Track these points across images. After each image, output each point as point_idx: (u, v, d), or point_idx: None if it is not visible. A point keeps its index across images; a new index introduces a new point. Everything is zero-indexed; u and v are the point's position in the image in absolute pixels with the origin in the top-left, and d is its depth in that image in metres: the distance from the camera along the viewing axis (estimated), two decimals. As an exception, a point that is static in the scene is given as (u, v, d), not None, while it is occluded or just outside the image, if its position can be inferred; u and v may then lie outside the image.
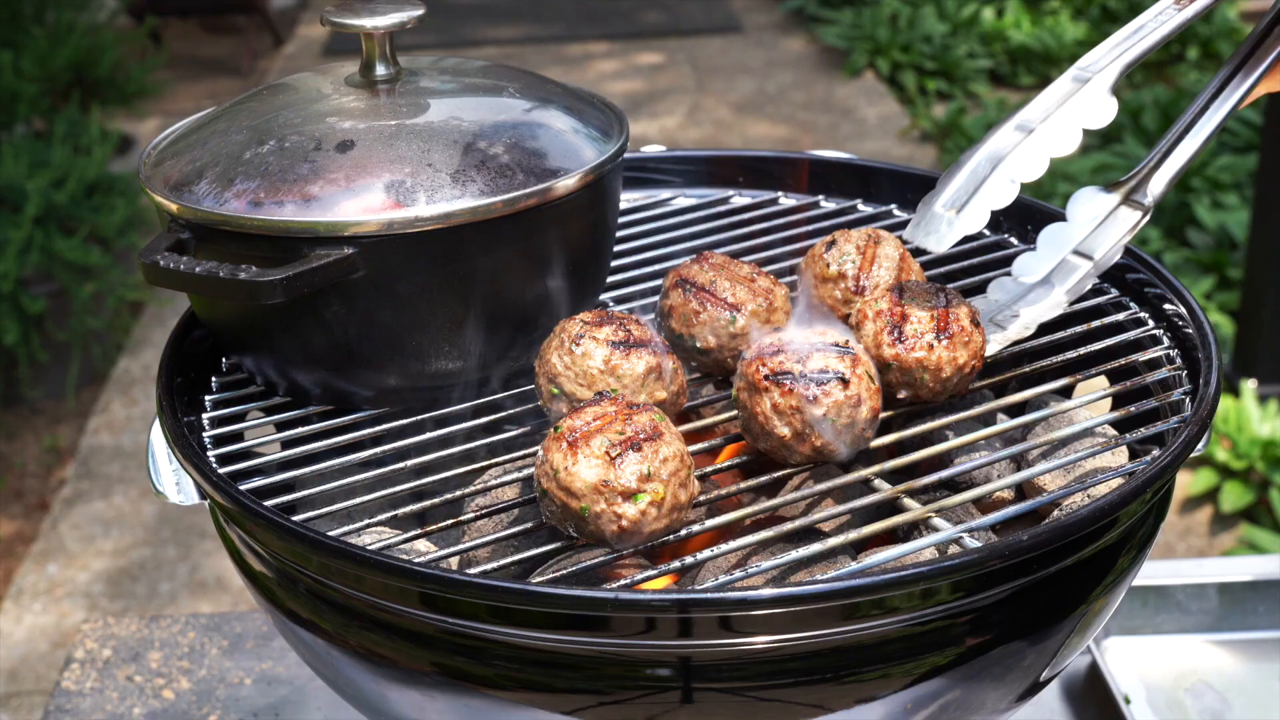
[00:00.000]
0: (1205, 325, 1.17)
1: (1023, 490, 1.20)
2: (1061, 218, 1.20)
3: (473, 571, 0.95)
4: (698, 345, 1.16)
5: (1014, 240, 1.39)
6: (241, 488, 1.04)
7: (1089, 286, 1.13)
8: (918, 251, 1.27)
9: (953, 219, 1.04)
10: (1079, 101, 1.06)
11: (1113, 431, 1.18)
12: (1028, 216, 1.36)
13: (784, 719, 0.94)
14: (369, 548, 0.95)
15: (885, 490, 1.03)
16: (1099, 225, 1.13)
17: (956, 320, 1.08)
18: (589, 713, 0.94)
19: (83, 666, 1.69)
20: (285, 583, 1.05)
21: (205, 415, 1.18)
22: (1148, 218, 1.12)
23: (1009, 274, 1.21)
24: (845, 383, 1.01)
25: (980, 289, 1.24)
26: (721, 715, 0.94)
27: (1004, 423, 1.13)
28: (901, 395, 1.09)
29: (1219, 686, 1.59)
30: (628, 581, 0.93)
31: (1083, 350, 1.20)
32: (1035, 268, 1.15)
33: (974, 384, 1.17)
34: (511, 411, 1.16)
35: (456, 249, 1.08)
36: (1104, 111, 1.06)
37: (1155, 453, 1.05)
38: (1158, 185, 1.13)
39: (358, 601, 0.98)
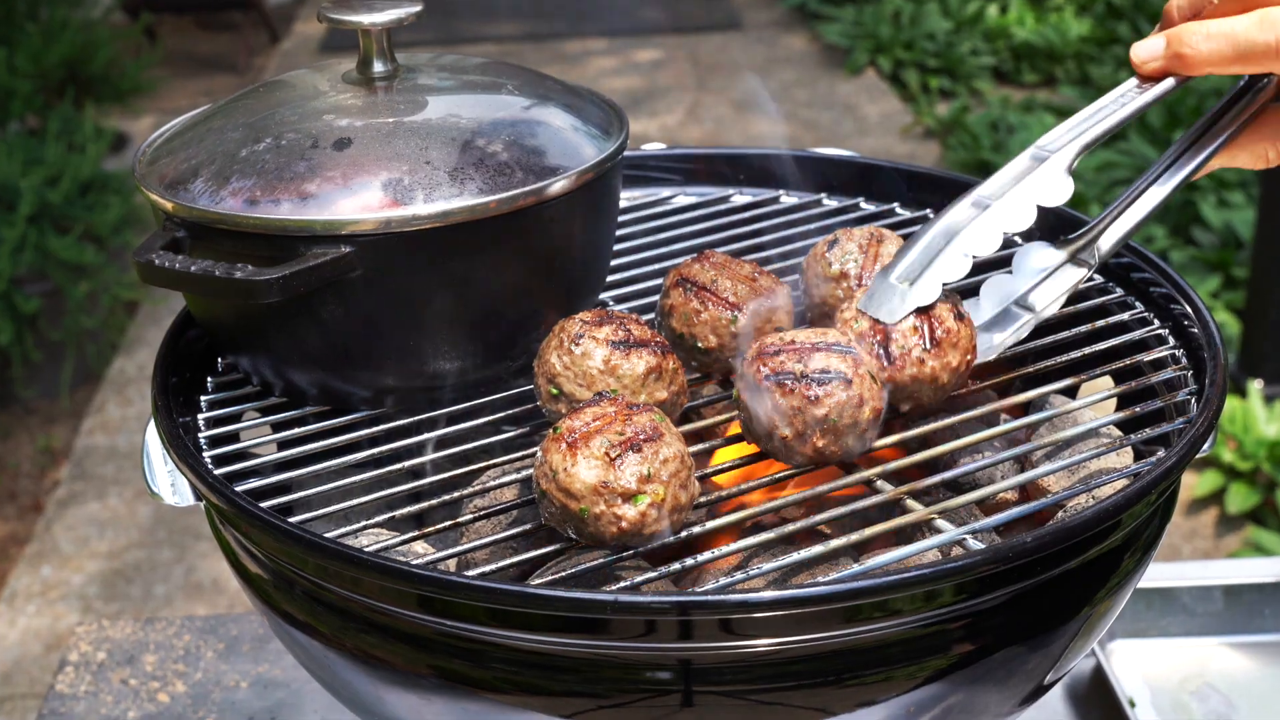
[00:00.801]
0: (1211, 325, 1.17)
1: (1027, 492, 1.20)
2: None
3: (471, 574, 0.95)
4: (699, 345, 1.16)
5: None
6: (237, 489, 1.04)
7: (1024, 335, 1.15)
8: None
9: (905, 291, 1.07)
10: (1035, 179, 1.09)
11: (1118, 432, 1.18)
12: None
13: (785, 722, 0.94)
14: (366, 549, 0.95)
15: (888, 491, 1.03)
16: (1043, 279, 1.16)
17: (940, 323, 1.07)
18: (588, 716, 0.94)
19: (77, 669, 1.69)
20: (281, 585, 1.05)
21: (201, 416, 1.18)
22: (1089, 274, 1.16)
23: None
24: (848, 383, 1.01)
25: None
26: (722, 719, 0.94)
27: (1008, 423, 1.13)
28: (905, 408, 1.09)
29: (1225, 690, 1.59)
30: (627, 584, 0.93)
31: (1087, 350, 1.20)
32: (975, 315, 1.16)
33: (978, 384, 1.17)
34: (510, 412, 1.16)
35: (454, 248, 1.08)
36: (1060, 190, 1.09)
37: (1160, 454, 1.05)
38: (1105, 244, 1.16)
39: (355, 604, 0.98)
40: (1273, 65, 1.01)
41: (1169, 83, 1.09)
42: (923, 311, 1.07)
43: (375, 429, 1.15)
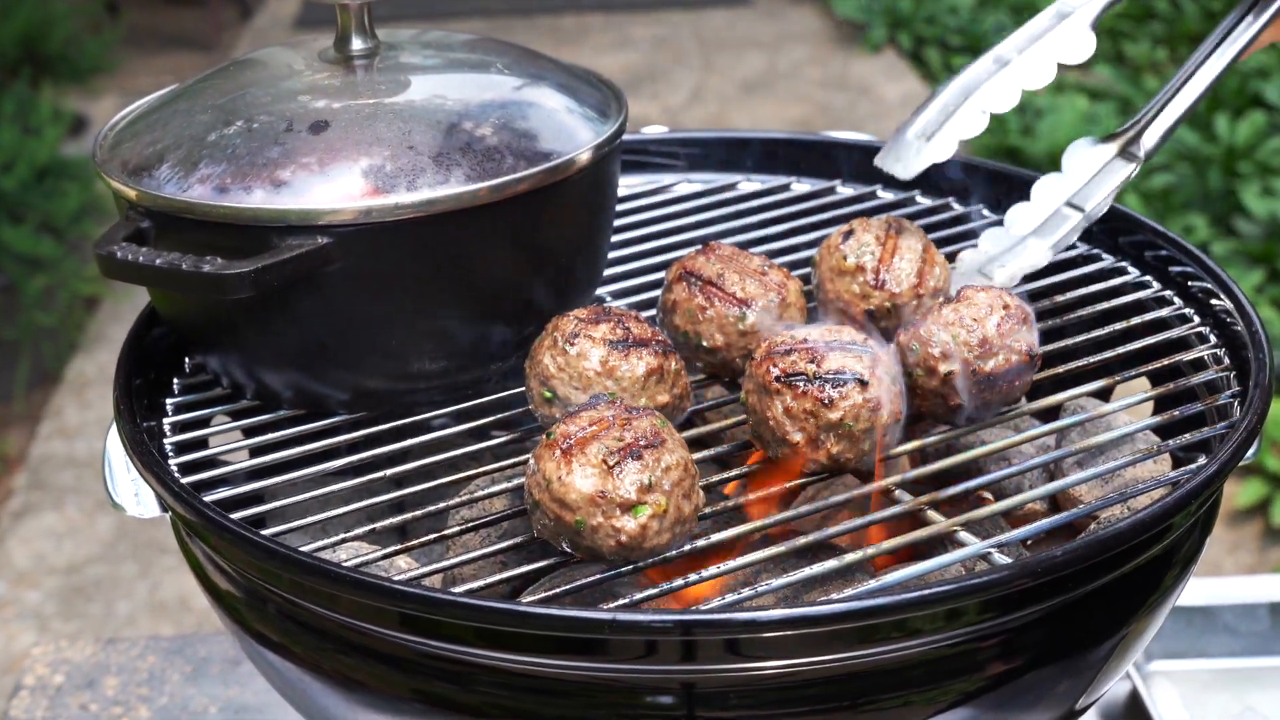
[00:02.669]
0: (1255, 322, 1.17)
1: (1057, 502, 1.20)
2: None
3: (457, 590, 0.95)
4: (704, 344, 1.16)
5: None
6: (206, 499, 1.04)
7: (1075, 239, 1.22)
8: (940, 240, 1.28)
9: (921, 147, 1.14)
10: (1057, 36, 1.15)
11: (1155, 438, 1.18)
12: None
13: (797, 751, 0.95)
14: (345, 564, 0.95)
15: (907, 502, 1.03)
16: (1093, 178, 1.21)
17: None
18: (584, 744, 0.95)
19: (33, 694, 1.69)
20: (254, 602, 1.05)
21: (166, 420, 1.18)
22: (1138, 169, 1.21)
23: (1000, 224, 1.27)
24: (864, 385, 1.01)
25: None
26: (728, 747, 0.94)
27: (1036, 428, 1.13)
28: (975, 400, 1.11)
29: (1270, 715, 1.59)
30: (626, 601, 0.93)
31: (1122, 349, 1.20)
32: (1027, 219, 1.22)
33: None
34: (500, 416, 1.16)
35: (440, 239, 1.09)
36: (1082, 47, 1.14)
37: (1201, 461, 1.05)
38: (1151, 138, 1.20)
39: (332, 623, 0.98)
40: None
41: None
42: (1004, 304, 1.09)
43: (355, 434, 1.15)
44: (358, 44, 1.19)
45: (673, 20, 7.51)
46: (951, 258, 1.34)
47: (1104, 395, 1.26)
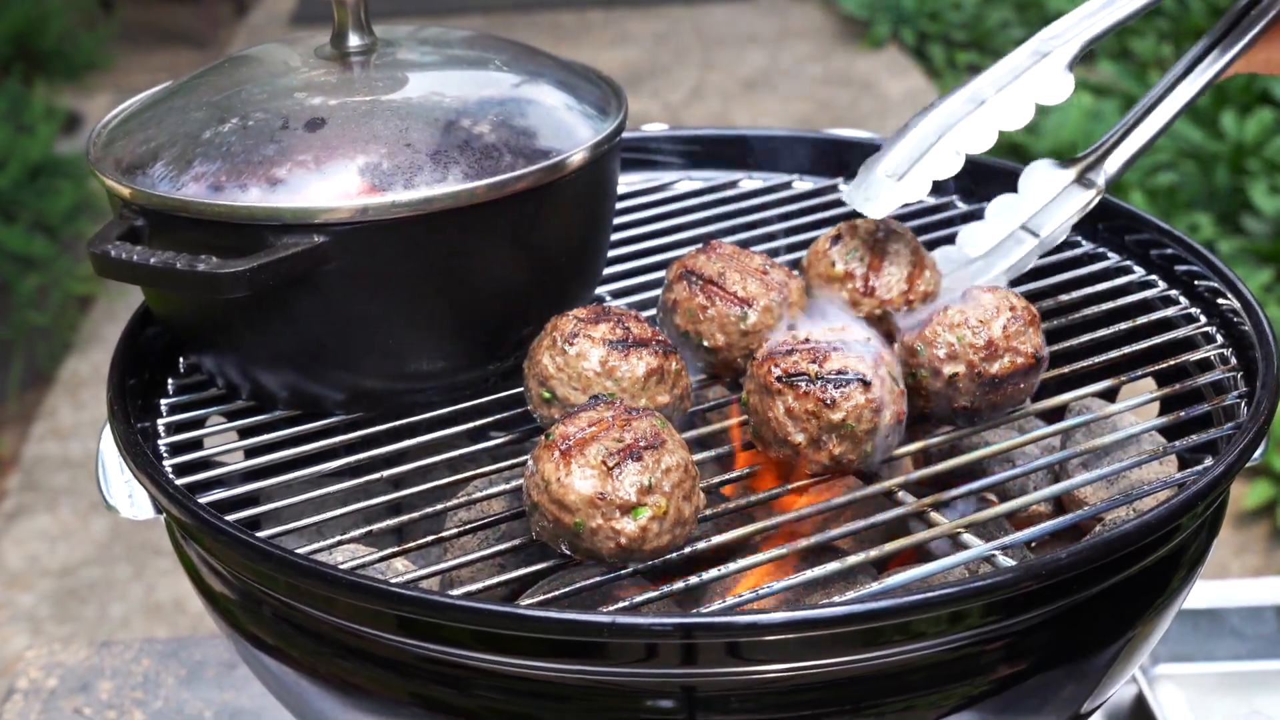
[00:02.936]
0: (1263, 321, 1.17)
1: (1061, 503, 1.20)
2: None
3: (455, 593, 0.95)
4: (705, 344, 1.15)
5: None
6: (201, 500, 1.04)
7: (1030, 265, 1.20)
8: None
9: (892, 186, 1.11)
10: (1035, 75, 1.13)
11: (1161, 439, 1.18)
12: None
13: (798, 755, 0.95)
14: (341, 567, 0.95)
15: (910, 503, 1.03)
16: (1050, 202, 1.20)
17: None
18: (584, 748, 0.95)
19: (26, 698, 1.69)
20: (249, 605, 1.05)
21: (161, 421, 1.18)
22: (1098, 198, 1.20)
23: (953, 245, 1.26)
24: (866, 385, 1.01)
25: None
26: (730, 751, 0.94)
27: (1041, 429, 1.13)
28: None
29: (1277, 719, 1.59)
30: (626, 604, 0.93)
31: (1127, 349, 1.20)
32: (980, 240, 1.21)
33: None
34: (498, 417, 1.16)
35: (437, 237, 1.09)
36: (1060, 88, 1.13)
37: (1208, 462, 1.05)
38: (1113, 165, 1.20)
39: (329, 626, 0.98)
40: None
41: None
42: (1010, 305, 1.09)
43: (352, 435, 1.15)
44: (354, 40, 1.19)
45: (673, 16, 7.50)
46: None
47: (1109, 396, 1.26)
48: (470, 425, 1.15)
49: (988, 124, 1.13)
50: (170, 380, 1.24)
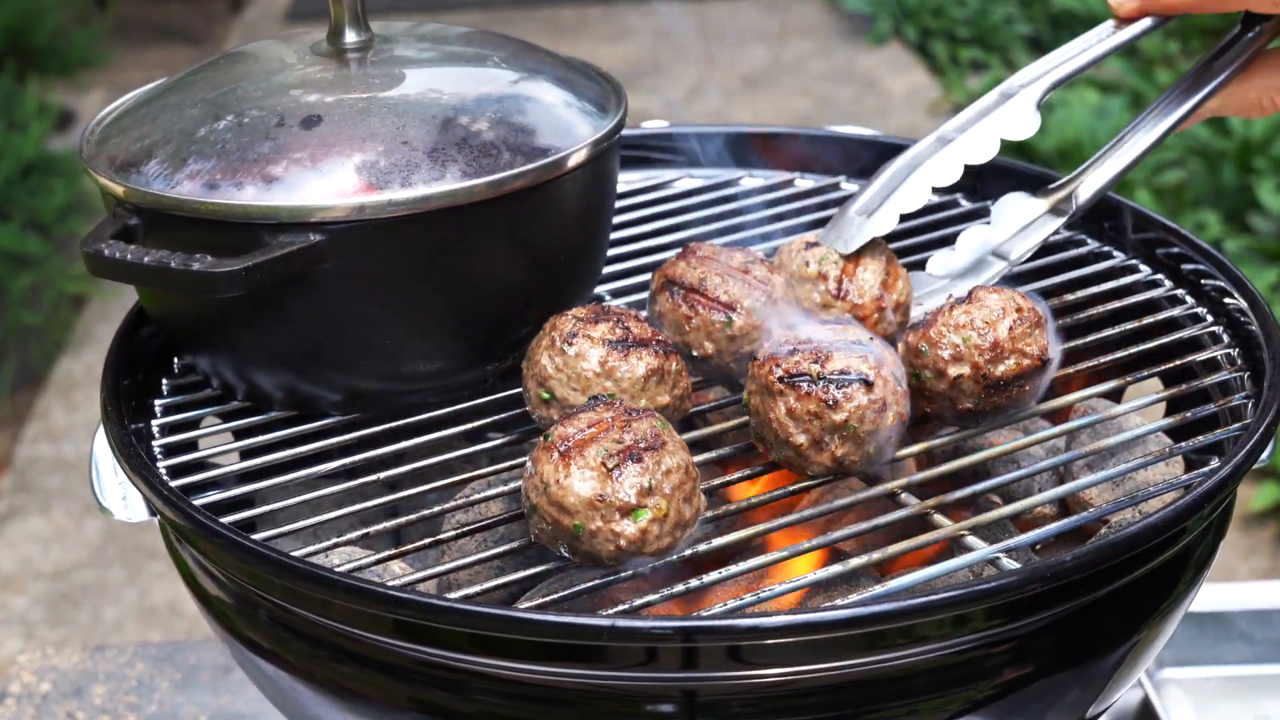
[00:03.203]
0: (1270, 321, 1.17)
1: (1066, 505, 1.20)
2: None
3: (453, 596, 0.95)
4: (694, 353, 1.15)
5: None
6: (196, 502, 1.04)
7: (995, 281, 1.25)
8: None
9: (862, 223, 1.19)
10: (1001, 114, 1.21)
11: (1167, 440, 1.18)
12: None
13: (800, 760, 0.94)
14: (337, 569, 0.95)
15: (913, 505, 1.03)
16: (1021, 229, 1.27)
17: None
18: (583, 753, 0.95)
19: (18, 702, 1.69)
20: (244, 608, 1.05)
21: (155, 422, 1.18)
22: (1066, 221, 1.27)
23: (923, 270, 1.29)
24: (869, 385, 1.01)
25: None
26: (730, 756, 0.94)
27: (1045, 430, 1.13)
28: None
29: (1285, 724, 1.59)
30: (626, 607, 0.93)
31: (1133, 350, 1.20)
32: (951, 267, 1.27)
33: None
34: (496, 418, 1.16)
35: (434, 236, 1.08)
36: (1026, 124, 1.21)
37: (1214, 463, 1.05)
38: (1084, 194, 1.26)
39: (325, 630, 0.98)
40: (1246, 1, 1.10)
41: (1146, 23, 1.19)
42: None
43: (348, 437, 1.15)
44: (351, 37, 1.19)
45: (674, 12, 7.50)
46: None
47: (1115, 396, 1.26)
48: (468, 426, 1.15)
49: (954, 159, 1.20)
50: (165, 381, 1.23)
